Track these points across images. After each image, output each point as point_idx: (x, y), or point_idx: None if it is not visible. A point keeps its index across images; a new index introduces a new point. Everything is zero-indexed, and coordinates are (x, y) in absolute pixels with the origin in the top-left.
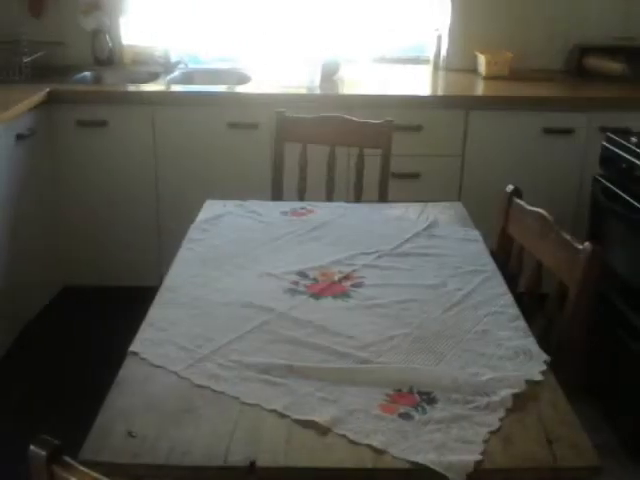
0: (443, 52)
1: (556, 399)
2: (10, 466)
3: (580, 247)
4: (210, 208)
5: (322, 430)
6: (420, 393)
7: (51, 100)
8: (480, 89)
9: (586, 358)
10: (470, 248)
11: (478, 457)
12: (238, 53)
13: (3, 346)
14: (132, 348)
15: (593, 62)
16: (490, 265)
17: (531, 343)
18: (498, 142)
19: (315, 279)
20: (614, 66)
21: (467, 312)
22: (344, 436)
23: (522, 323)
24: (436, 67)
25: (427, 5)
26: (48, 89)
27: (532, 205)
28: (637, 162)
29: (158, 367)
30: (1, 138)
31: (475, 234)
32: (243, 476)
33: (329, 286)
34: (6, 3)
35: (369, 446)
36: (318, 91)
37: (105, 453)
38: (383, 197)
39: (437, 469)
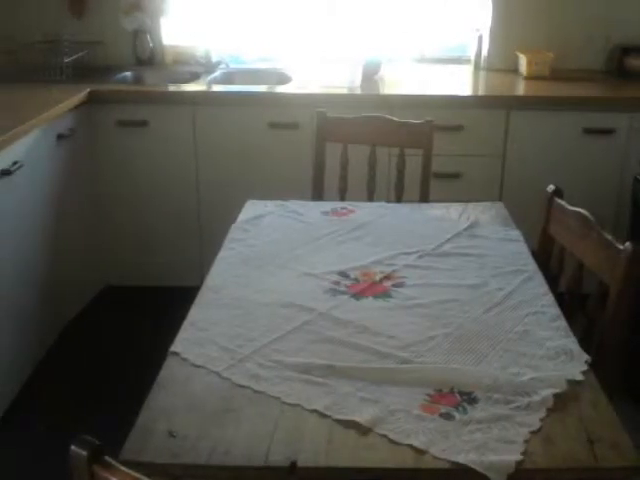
0: (484, 52)
1: (597, 399)
2: (51, 466)
3: (621, 247)
4: (251, 208)
5: (363, 430)
6: (461, 393)
7: (92, 100)
8: (521, 89)
9: (627, 358)
10: (511, 248)
11: (519, 457)
12: (279, 53)
13: (45, 345)
14: (173, 348)
15: (634, 62)
16: (531, 265)
17: (572, 343)
18: (539, 142)
19: (356, 279)
20: None
21: (508, 312)
22: (385, 436)
23: (563, 323)
24: (477, 67)
25: (468, 5)
26: (89, 89)
27: (573, 205)
28: None
29: (199, 367)
30: (42, 138)
31: (516, 234)
32: (284, 476)
33: (370, 286)
34: (47, 3)
35: (410, 446)
36: (359, 91)
37: (146, 453)
38: (424, 197)
39: (478, 469)
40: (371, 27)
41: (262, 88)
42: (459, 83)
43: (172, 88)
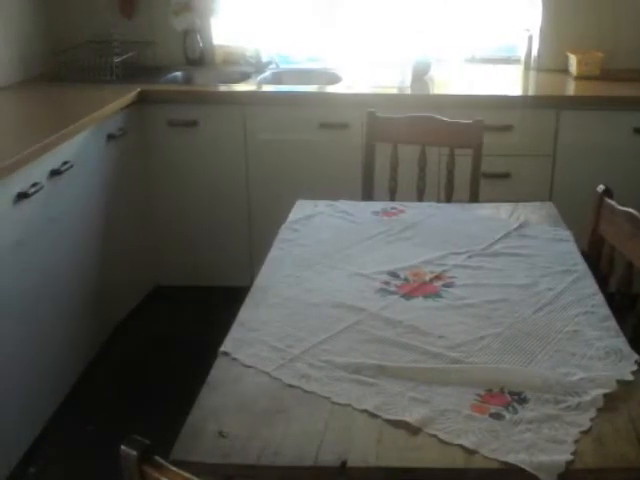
0: (534, 52)
1: None
2: (102, 466)
3: None
4: (301, 208)
5: (413, 430)
6: (511, 393)
7: (142, 100)
8: (571, 89)
9: None
10: (561, 248)
11: (569, 457)
12: (328, 53)
13: (95, 345)
14: (223, 348)
15: None
16: (581, 265)
17: (622, 343)
18: (589, 142)
19: (406, 279)
20: None
21: (558, 312)
22: (435, 436)
23: (613, 323)
24: (527, 67)
25: (518, 5)
26: (139, 89)
27: (623, 205)
28: None
29: (249, 367)
30: (93, 138)
31: (566, 234)
32: (334, 476)
33: (420, 286)
34: (97, 4)
35: (460, 446)
36: (409, 91)
37: (196, 453)
38: (474, 197)
39: (528, 469)
40: (421, 27)
41: (312, 88)
42: (509, 83)
43: (222, 88)
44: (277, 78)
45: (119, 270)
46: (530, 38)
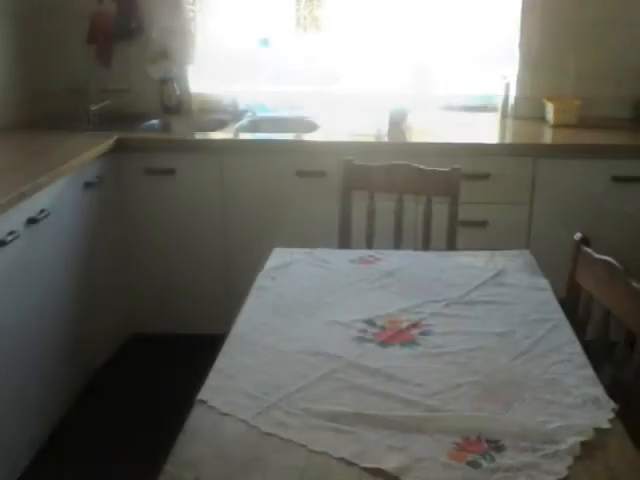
0: (511, 100)
1: (624, 447)
2: None
3: None
4: (278, 256)
5: (390, 478)
6: (488, 441)
7: (119, 148)
8: (548, 137)
9: None
10: (538, 296)
11: None
12: (305, 101)
13: (72, 394)
14: (200, 396)
15: None
16: (558, 313)
17: (599, 391)
18: (566, 190)
19: (383, 327)
20: None
21: (535, 360)
22: None
23: (590, 371)
24: (504, 115)
25: (495, 53)
26: (116, 137)
27: (601, 253)
28: None
29: (226, 415)
30: (70, 186)
31: (543, 282)
32: None
33: (397, 334)
34: (75, 52)
35: None
36: (386, 139)
37: None
38: (451, 245)
39: None
40: (398, 75)
41: (289, 136)
42: (486, 131)
43: (199, 136)
44: (254, 126)
45: (96, 318)
46: (507, 86)
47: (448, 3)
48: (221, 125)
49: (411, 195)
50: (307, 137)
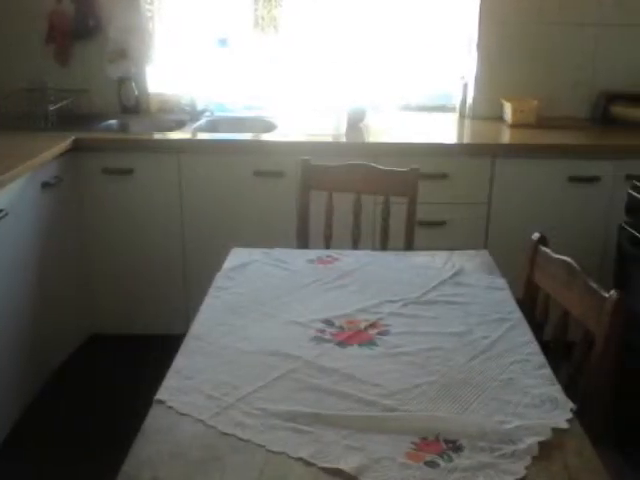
0: (469, 100)
1: (582, 447)
2: None
3: (606, 295)
4: (236, 256)
5: (348, 478)
6: (446, 441)
7: (77, 148)
8: (506, 137)
9: (612, 406)
10: (496, 296)
11: None
12: (264, 101)
13: (30, 394)
14: (158, 396)
15: (619, 110)
16: (516, 313)
17: (557, 391)
18: (524, 190)
19: (341, 327)
20: None
21: (493, 360)
22: None
23: (548, 371)
24: (462, 115)
25: (453, 53)
26: (74, 137)
27: (558, 253)
28: None
29: (184, 415)
30: (27, 186)
31: (501, 282)
32: None
33: (355, 334)
34: (32, 52)
35: None
36: (344, 139)
37: None
38: (409, 245)
39: None
40: (356, 75)
41: (247, 136)
42: (444, 131)
43: (157, 136)
44: (212, 126)
45: (54, 318)
46: (465, 86)
47: (407, 3)
48: (179, 125)
49: (369, 195)
50: (265, 137)
